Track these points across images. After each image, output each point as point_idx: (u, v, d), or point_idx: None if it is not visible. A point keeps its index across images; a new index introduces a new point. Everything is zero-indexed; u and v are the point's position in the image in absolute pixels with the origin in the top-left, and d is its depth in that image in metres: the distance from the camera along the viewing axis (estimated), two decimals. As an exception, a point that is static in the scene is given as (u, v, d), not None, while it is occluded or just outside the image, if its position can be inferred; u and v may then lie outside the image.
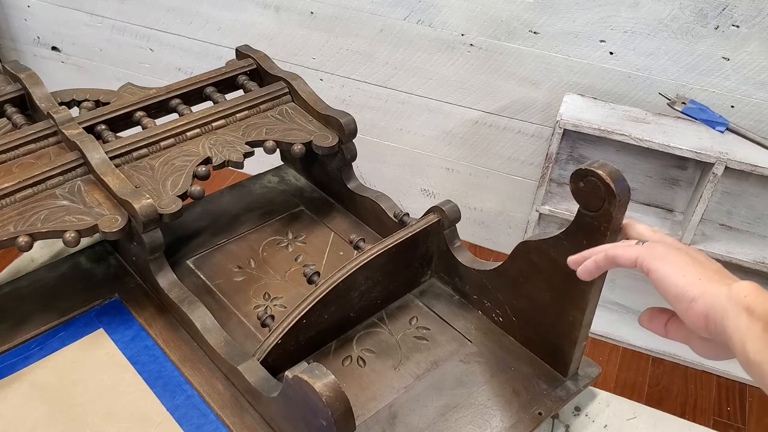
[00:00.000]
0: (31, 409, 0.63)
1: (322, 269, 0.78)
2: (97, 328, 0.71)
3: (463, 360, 0.70)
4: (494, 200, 1.83)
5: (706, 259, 0.49)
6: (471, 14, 1.55)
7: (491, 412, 0.65)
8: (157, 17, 1.88)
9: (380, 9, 1.62)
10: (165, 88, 0.82)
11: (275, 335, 0.63)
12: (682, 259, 0.48)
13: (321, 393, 0.49)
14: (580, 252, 0.54)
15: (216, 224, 0.85)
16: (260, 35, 1.79)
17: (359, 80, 1.76)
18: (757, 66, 1.39)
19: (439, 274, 0.78)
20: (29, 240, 0.63)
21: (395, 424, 0.63)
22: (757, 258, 1.47)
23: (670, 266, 0.48)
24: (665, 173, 1.55)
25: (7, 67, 0.82)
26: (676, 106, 1.36)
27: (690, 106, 1.36)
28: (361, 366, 0.69)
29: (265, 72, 0.87)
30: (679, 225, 1.54)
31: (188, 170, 0.72)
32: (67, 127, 0.73)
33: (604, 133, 1.40)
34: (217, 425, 0.63)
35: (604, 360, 1.66)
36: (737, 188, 1.51)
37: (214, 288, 0.75)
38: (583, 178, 0.56)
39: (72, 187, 0.69)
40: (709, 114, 1.35)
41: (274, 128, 0.79)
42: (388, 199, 0.81)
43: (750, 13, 1.33)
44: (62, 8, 1.97)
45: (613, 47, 1.47)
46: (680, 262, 0.48)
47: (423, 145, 1.81)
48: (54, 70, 2.13)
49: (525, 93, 1.61)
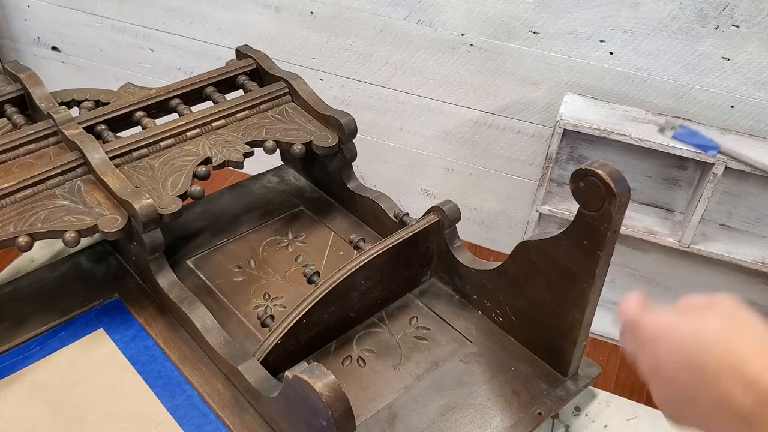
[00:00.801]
0: (31, 409, 0.63)
1: (322, 269, 0.78)
2: (97, 328, 0.71)
3: (463, 360, 0.70)
4: (494, 200, 1.83)
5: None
6: (471, 14, 1.55)
7: (491, 412, 0.65)
8: (157, 17, 1.88)
9: (380, 9, 1.62)
10: (165, 88, 0.82)
11: (275, 335, 0.63)
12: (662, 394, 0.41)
13: (321, 393, 0.49)
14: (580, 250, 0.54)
15: (216, 224, 0.85)
16: (260, 35, 1.79)
17: (359, 80, 1.76)
18: (757, 66, 1.39)
19: (439, 274, 0.78)
20: (29, 240, 0.63)
21: (395, 424, 0.63)
22: (757, 258, 1.47)
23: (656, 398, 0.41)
24: (665, 173, 1.55)
25: (7, 67, 0.82)
26: (667, 132, 1.35)
27: (680, 131, 1.36)
28: (361, 366, 0.69)
29: (265, 72, 0.87)
30: (679, 225, 1.54)
31: (188, 170, 0.72)
32: (67, 127, 0.73)
33: (604, 133, 1.40)
34: (217, 425, 0.63)
35: (604, 360, 1.66)
36: (737, 188, 1.51)
37: (214, 288, 0.75)
38: (583, 178, 0.56)
39: (72, 187, 0.69)
40: (699, 138, 1.35)
41: (274, 128, 0.79)
42: (388, 199, 0.81)
43: (750, 13, 1.33)
44: (62, 8, 1.97)
45: (613, 47, 1.47)
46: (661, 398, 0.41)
47: (423, 145, 1.81)
48: (54, 70, 2.13)
49: (525, 93, 1.61)
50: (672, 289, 1.71)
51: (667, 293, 1.72)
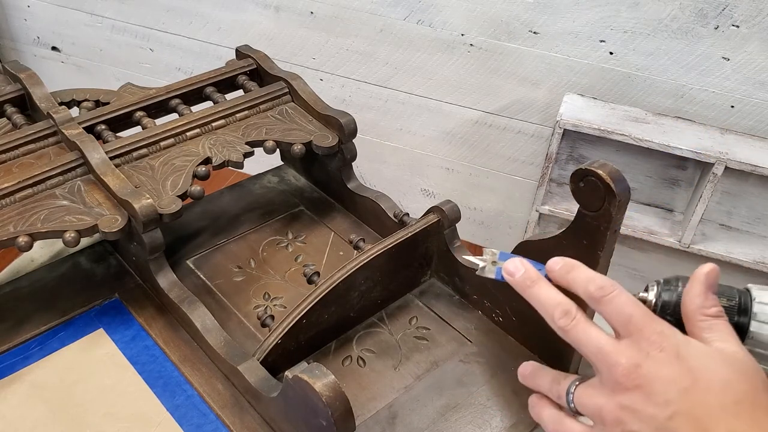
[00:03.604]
0: (31, 409, 0.63)
1: (322, 269, 0.78)
2: (97, 328, 0.71)
3: (463, 360, 0.70)
4: (494, 200, 1.83)
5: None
6: (471, 14, 1.55)
7: (491, 412, 0.65)
8: (157, 17, 1.88)
9: (380, 9, 1.62)
10: (165, 88, 0.82)
11: (275, 335, 0.63)
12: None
13: (321, 393, 0.49)
14: (580, 250, 0.54)
15: (216, 224, 0.84)
16: (260, 35, 1.79)
17: (359, 80, 1.77)
18: (757, 66, 1.39)
19: (439, 274, 0.78)
20: (29, 240, 0.63)
21: (395, 424, 0.63)
22: (757, 258, 1.47)
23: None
24: (665, 173, 1.55)
25: (7, 67, 0.82)
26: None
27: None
28: (361, 366, 0.69)
29: (265, 72, 0.87)
30: (679, 225, 1.54)
31: (188, 170, 0.72)
32: (67, 127, 0.73)
33: (604, 133, 1.40)
34: (217, 425, 0.63)
35: (604, 360, 1.65)
36: (737, 188, 1.51)
37: (214, 288, 0.75)
38: (583, 178, 0.56)
39: (72, 187, 0.69)
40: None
41: (274, 128, 0.79)
42: (388, 199, 0.81)
43: (750, 13, 1.33)
44: (62, 8, 1.97)
45: (613, 47, 1.47)
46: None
47: (423, 145, 1.81)
48: (54, 70, 2.13)
49: (525, 93, 1.61)
50: (672, 289, 1.71)
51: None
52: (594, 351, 0.44)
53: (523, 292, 0.49)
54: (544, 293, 0.48)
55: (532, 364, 0.52)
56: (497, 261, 0.54)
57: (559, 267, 0.49)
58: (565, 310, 0.46)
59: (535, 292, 0.48)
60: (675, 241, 1.49)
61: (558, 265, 0.49)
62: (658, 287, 0.51)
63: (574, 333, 0.45)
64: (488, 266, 0.54)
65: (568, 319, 0.46)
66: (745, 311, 0.48)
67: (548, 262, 0.50)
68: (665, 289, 0.50)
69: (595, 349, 0.44)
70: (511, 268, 0.50)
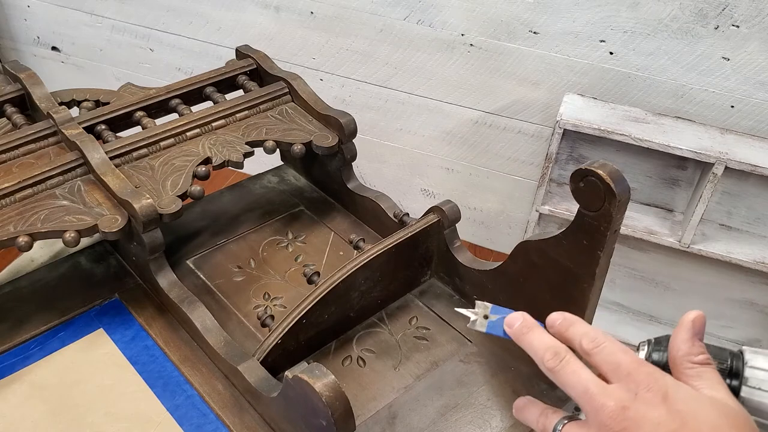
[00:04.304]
0: (31, 409, 0.63)
1: (322, 269, 0.78)
2: (97, 328, 0.71)
3: (463, 360, 0.70)
4: (494, 200, 1.83)
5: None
6: (471, 14, 1.55)
7: (491, 412, 0.65)
8: (157, 17, 1.88)
9: (380, 9, 1.62)
10: (165, 88, 0.82)
11: (275, 335, 0.63)
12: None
13: (321, 393, 0.49)
14: (580, 250, 0.54)
15: (216, 224, 0.85)
16: (260, 35, 1.79)
17: (359, 80, 1.77)
18: (757, 66, 1.39)
19: (439, 274, 0.78)
20: (29, 240, 0.63)
21: (395, 424, 0.63)
22: (757, 258, 1.47)
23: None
24: (665, 173, 1.55)
25: (7, 67, 0.82)
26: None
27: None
28: (361, 366, 0.69)
29: (265, 72, 0.87)
30: (679, 225, 1.54)
31: (188, 170, 0.72)
32: (67, 127, 0.73)
33: (604, 133, 1.40)
34: (217, 425, 0.63)
35: (604, 360, 1.66)
36: (737, 188, 1.51)
37: (214, 288, 0.75)
38: (583, 178, 0.56)
39: (72, 187, 0.69)
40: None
41: (274, 128, 0.79)
42: (388, 199, 0.81)
43: (750, 13, 1.33)
44: (62, 8, 1.97)
45: (613, 47, 1.47)
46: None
47: (423, 145, 1.81)
48: (54, 70, 2.13)
49: (525, 93, 1.61)
50: (672, 289, 1.71)
51: (667, 293, 1.72)
52: (581, 392, 0.44)
53: (518, 339, 0.50)
54: (537, 338, 0.48)
55: (527, 398, 0.52)
56: (489, 315, 0.54)
57: (559, 323, 0.49)
58: (555, 352, 0.46)
59: (529, 338, 0.49)
60: (675, 241, 1.49)
61: (557, 321, 0.49)
62: (648, 347, 0.51)
63: (563, 374, 0.45)
64: (480, 320, 0.54)
65: (557, 360, 0.45)
66: (736, 375, 0.47)
67: (548, 317, 0.51)
68: (656, 350, 0.50)
69: (582, 391, 0.43)
70: (511, 320, 0.51)
